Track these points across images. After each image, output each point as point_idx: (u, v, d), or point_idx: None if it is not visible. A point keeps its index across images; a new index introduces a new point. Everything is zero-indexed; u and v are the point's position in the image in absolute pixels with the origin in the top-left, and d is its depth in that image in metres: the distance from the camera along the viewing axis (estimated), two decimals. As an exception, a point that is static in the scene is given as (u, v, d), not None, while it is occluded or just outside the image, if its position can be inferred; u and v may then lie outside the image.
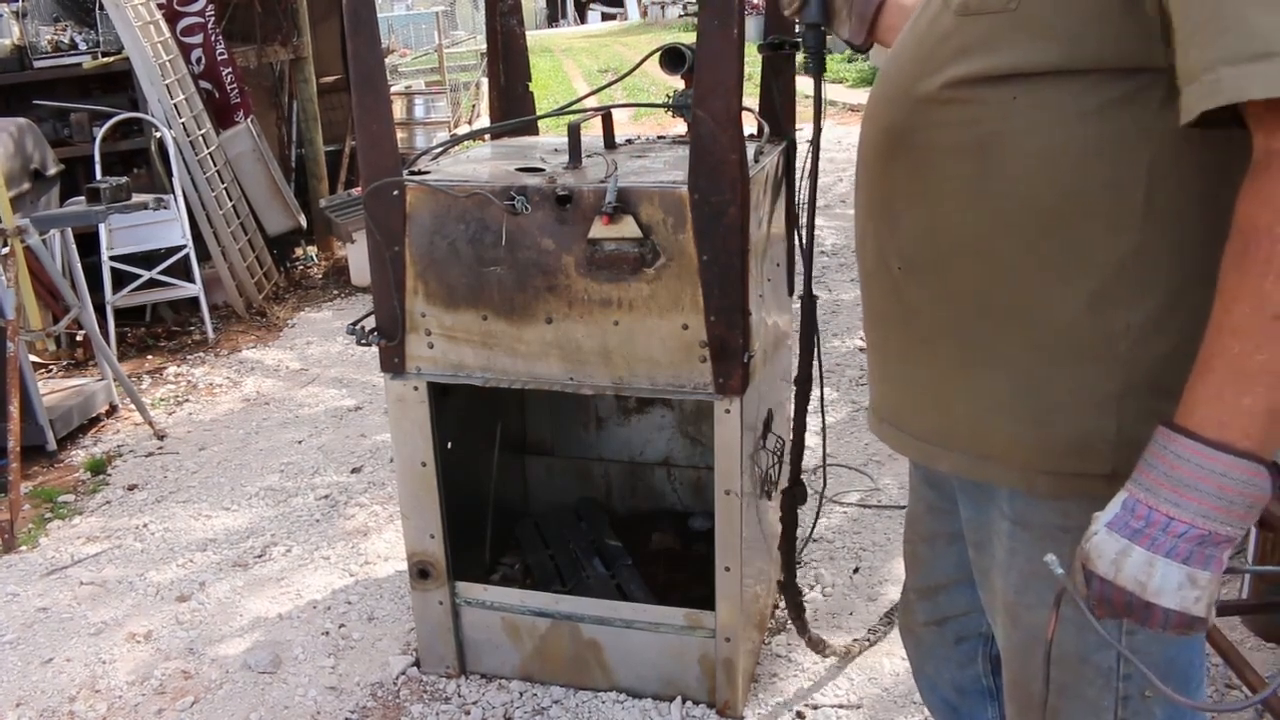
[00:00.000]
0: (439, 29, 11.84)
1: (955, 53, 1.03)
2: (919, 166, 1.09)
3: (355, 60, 2.02)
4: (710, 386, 2.01)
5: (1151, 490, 0.91)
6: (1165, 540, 0.90)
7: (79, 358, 4.71)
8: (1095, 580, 0.94)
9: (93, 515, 3.43)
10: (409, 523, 2.31)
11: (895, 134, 1.11)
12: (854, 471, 3.39)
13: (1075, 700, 1.22)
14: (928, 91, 1.06)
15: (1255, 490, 0.88)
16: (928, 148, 1.08)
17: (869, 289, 1.24)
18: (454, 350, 2.12)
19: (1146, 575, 0.90)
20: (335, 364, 4.79)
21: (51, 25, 5.43)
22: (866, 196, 1.20)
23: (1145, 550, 0.90)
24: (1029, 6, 0.97)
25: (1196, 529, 0.89)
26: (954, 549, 1.45)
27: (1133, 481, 0.94)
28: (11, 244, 3.54)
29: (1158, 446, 0.92)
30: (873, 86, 1.20)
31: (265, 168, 5.77)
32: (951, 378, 1.13)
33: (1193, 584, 0.89)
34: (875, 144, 1.15)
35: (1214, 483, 0.88)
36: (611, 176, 1.95)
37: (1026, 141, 1.00)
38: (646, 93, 12.41)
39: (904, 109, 1.09)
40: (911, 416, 1.21)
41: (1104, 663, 1.19)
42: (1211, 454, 0.88)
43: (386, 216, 2.05)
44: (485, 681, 2.42)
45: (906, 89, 1.09)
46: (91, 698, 2.49)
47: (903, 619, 1.67)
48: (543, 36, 28.64)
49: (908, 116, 1.09)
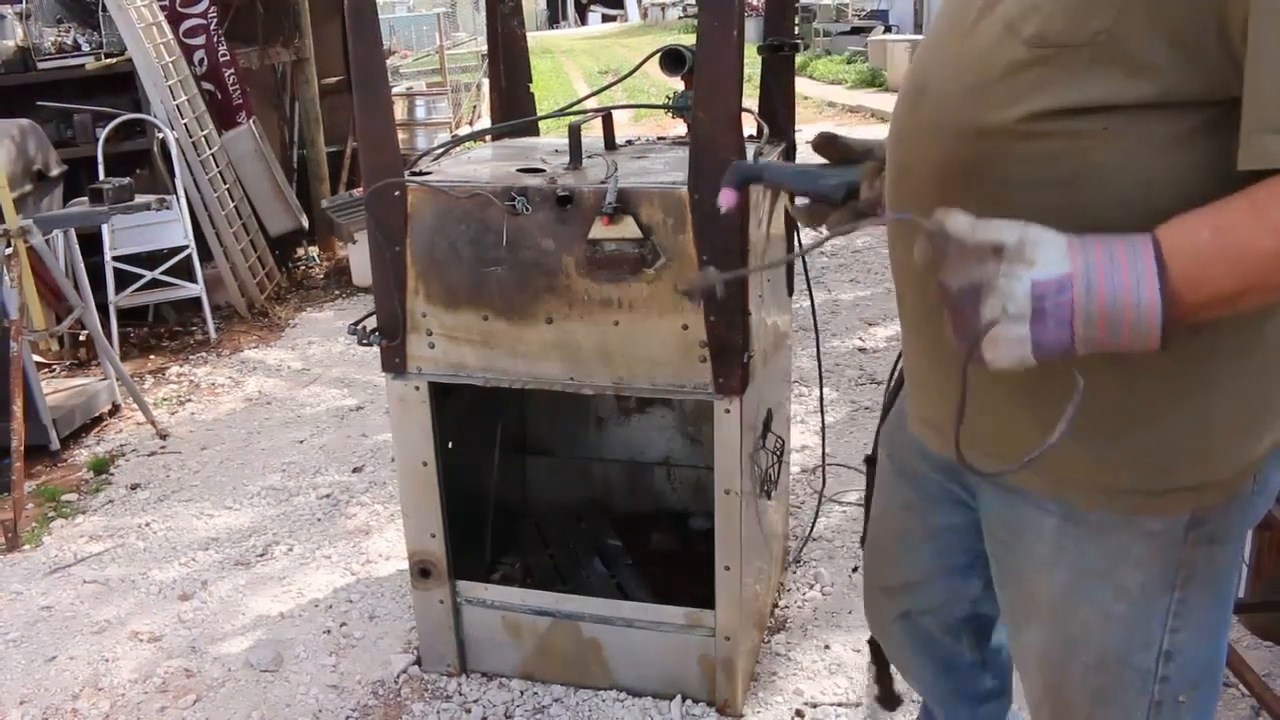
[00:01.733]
0: (440, 30, 11.86)
1: (1033, 85, 0.98)
2: (995, 201, 1.01)
3: (357, 61, 2.03)
4: (710, 386, 2.02)
5: (1089, 270, 0.91)
6: (1051, 314, 0.90)
7: (82, 358, 4.72)
8: (966, 292, 0.93)
9: (95, 514, 3.44)
10: (410, 522, 2.32)
11: (960, 168, 1.06)
12: (854, 471, 3.40)
13: (1111, 705, 1.22)
14: (1001, 124, 1.01)
15: (1141, 333, 0.90)
16: (1005, 182, 1.03)
17: (930, 322, 1.16)
18: (455, 350, 2.13)
19: (1017, 340, 0.91)
20: (337, 364, 4.80)
21: (55, 27, 5.44)
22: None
23: (1028, 330, 0.91)
24: (1120, 39, 0.93)
25: (1068, 319, 0.90)
26: (929, 545, 1.47)
27: (1085, 249, 0.91)
28: (15, 244, 3.56)
29: (1130, 245, 0.91)
30: (903, 108, 1.15)
31: (267, 168, 5.78)
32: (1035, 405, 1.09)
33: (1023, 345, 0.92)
34: (932, 178, 1.09)
35: (1130, 299, 0.89)
36: (612, 177, 1.96)
37: (1123, 171, 0.97)
38: (646, 94, 12.42)
39: (967, 142, 1.04)
40: (992, 441, 1.16)
41: (1144, 665, 1.18)
42: (1153, 276, 0.89)
43: (388, 217, 2.06)
44: (486, 680, 2.43)
45: (967, 121, 1.04)
46: (94, 696, 2.50)
47: (872, 618, 1.67)
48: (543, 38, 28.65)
49: (974, 150, 1.04)
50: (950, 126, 1.06)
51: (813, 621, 2.64)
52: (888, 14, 19.06)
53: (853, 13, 20.17)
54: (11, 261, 3.53)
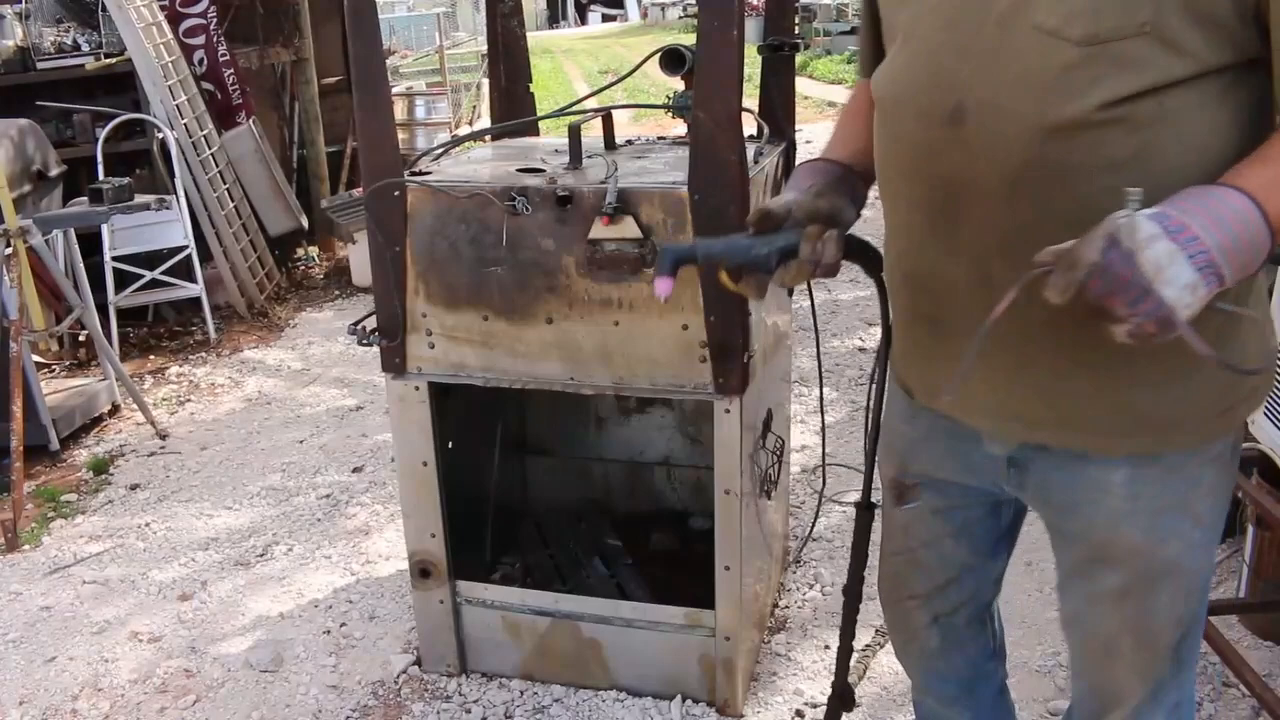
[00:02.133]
0: (440, 30, 11.83)
1: (1091, 81, 1.08)
2: (1072, 189, 1.12)
3: (357, 61, 2.03)
4: (710, 386, 2.02)
5: (1187, 213, 1.02)
6: (1189, 248, 1.00)
7: (81, 358, 4.72)
8: (1115, 251, 1.00)
9: (95, 514, 3.44)
10: (410, 522, 2.32)
11: (1034, 165, 1.12)
12: (854, 471, 3.40)
13: (1193, 624, 1.38)
14: (1071, 118, 1.09)
15: (1257, 251, 1.04)
16: (1079, 169, 1.11)
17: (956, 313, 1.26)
18: (455, 350, 2.13)
19: (1167, 263, 0.99)
20: (336, 364, 4.80)
21: (54, 27, 5.44)
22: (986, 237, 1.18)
23: (1174, 245, 0.99)
24: (1161, 27, 1.06)
25: (1210, 256, 1.00)
26: (960, 542, 1.53)
27: (1169, 204, 1.03)
28: (14, 244, 3.55)
29: (1202, 192, 1.04)
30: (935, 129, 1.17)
31: (267, 168, 5.78)
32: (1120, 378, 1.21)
33: (1193, 291, 1.00)
34: (1001, 187, 1.15)
35: (1240, 228, 1.02)
36: (612, 177, 1.96)
37: (1175, 139, 1.10)
38: (647, 94, 12.41)
39: (1036, 140, 1.11)
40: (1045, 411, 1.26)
41: (1210, 579, 1.38)
42: (1250, 207, 1.03)
43: (388, 217, 2.06)
44: (486, 680, 2.43)
45: (1033, 126, 1.11)
46: (94, 696, 2.50)
47: (900, 633, 1.68)
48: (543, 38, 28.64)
49: (1041, 152, 1.11)
50: (1016, 136, 1.12)
51: (813, 621, 2.64)
52: (888, 14, 19.03)
53: (853, 12, 20.14)
54: (11, 261, 3.53)
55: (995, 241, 1.18)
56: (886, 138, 1.30)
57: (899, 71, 1.25)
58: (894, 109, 1.26)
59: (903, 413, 1.49)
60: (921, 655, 1.67)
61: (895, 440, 1.53)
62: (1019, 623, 2.57)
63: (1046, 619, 2.58)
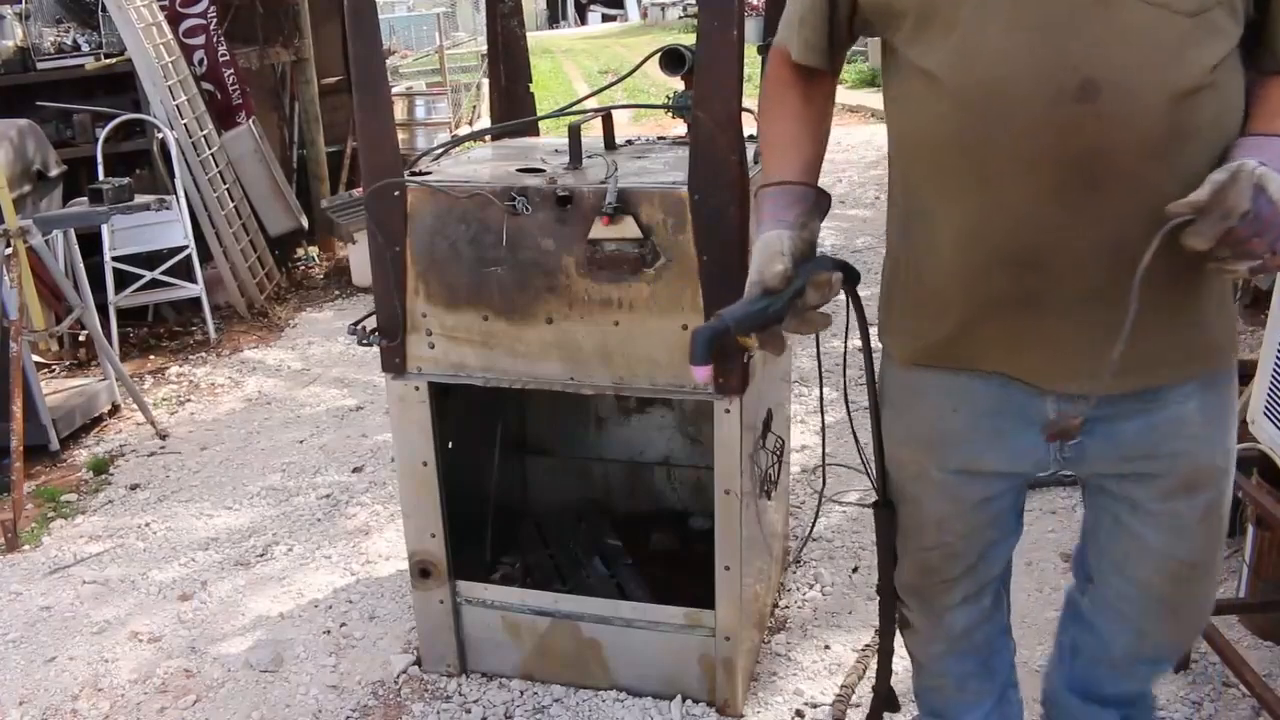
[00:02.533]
0: (440, 30, 11.83)
1: (1199, 49, 1.21)
2: (1192, 148, 1.25)
3: (356, 61, 2.03)
4: (710, 386, 2.02)
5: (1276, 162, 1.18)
6: None
7: (81, 358, 4.72)
8: (1263, 198, 1.15)
9: (95, 514, 3.44)
10: (410, 522, 2.32)
11: (1165, 131, 1.22)
12: (854, 471, 3.40)
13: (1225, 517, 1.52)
14: (1192, 84, 1.21)
15: None
16: (1195, 130, 1.24)
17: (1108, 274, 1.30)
18: (455, 350, 2.13)
19: None
20: (336, 364, 4.80)
21: (54, 27, 5.44)
22: (1124, 204, 1.25)
23: None
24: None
25: None
26: (994, 526, 1.59)
27: (1258, 155, 1.19)
28: (14, 244, 3.56)
29: (1269, 143, 1.22)
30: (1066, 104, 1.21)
31: (267, 168, 5.78)
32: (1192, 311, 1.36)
33: None
34: (1139, 151, 1.23)
35: None
36: (612, 177, 1.96)
37: (1235, 97, 1.27)
38: (647, 94, 12.41)
39: (1165, 107, 1.21)
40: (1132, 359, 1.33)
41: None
42: None
43: (388, 217, 2.06)
44: (486, 680, 2.43)
45: (1162, 90, 1.21)
46: (94, 696, 2.50)
47: (927, 617, 1.69)
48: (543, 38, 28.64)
49: (1173, 112, 1.22)
50: (1149, 105, 1.21)
51: (813, 621, 2.64)
52: (887, 14, 19.03)
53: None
54: (11, 261, 3.53)
55: (1133, 207, 1.25)
56: (983, 122, 1.26)
57: (997, 56, 1.23)
58: (1001, 93, 1.23)
59: (939, 407, 1.49)
60: (948, 637, 1.69)
61: (930, 434, 1.52)
62: (1019, 623, 2.56)
63: (1046, 619, 2.58)
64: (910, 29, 1.31)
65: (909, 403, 1.54)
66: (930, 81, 1.28)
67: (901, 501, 1.62)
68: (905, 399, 1.55)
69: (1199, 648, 2.33)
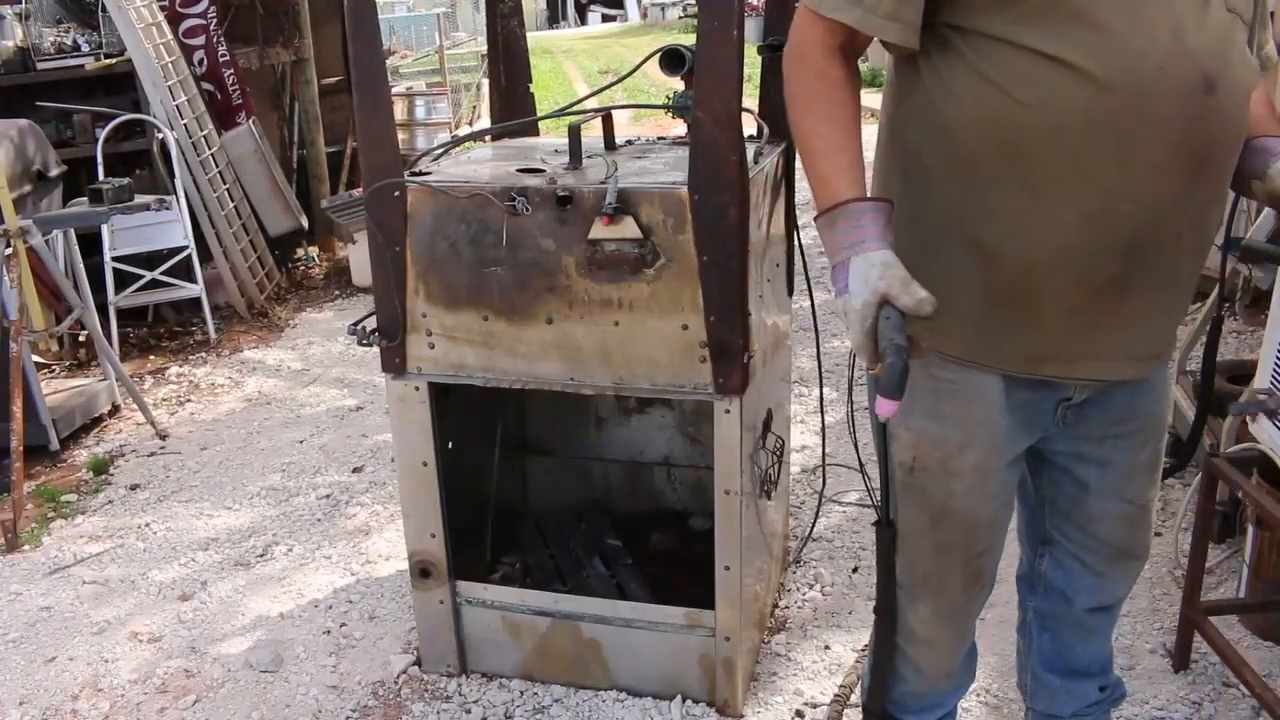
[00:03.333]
0: (440, 30, 11.83)
1: (1250, 48, 1.39)
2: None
3: (356, 61, 2.03)
4: (710, 386, 2.02)
5: None
6: None
7: (81, 358, 4.72)
8: None
9: (95, 515, 3.44)
10: (410, 522, 2.32)
11: (1244, 123, 1.40)
12: (854, 471, 3.40)
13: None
14: (1254, 82, 1.40)
15: None
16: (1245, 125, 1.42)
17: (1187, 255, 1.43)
18: (455, 350, 2.13)
19: None
20: (336, 364, 4.80)
21: (54, 27, 5.44)
22: (1215, 188, 1.41)
23: None
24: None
25: None
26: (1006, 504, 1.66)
27: None
28: (14, 244, 3.56)
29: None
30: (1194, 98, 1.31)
31: (267, 168, 5.78)
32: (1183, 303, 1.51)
33: None
34: (1233, 145, 1.40)
35: None
36: (612, 177, 1.96)
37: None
38: (647, 94, 12.41)
39: (1245, 102, 1.39)
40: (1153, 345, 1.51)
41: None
42: None
43: (388, 217, 2.06)
44: (486, 680, 2.43)
45: (1247, 87, 1.38)
46: (94, 696, 2.50)
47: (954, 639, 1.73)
48: (543, 38, 28.65)
49: (1247, 106, 1.39)
50: (1241, 100, 1.37)
51: (813, 621, 2.64)
52: (887, 14, 19.03)
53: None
54: (11, 262, 3.53)
55: (1216, 193, 1.41)
56: (1130, 111, 1.28)
57: (1140, 50, 1.28)
58: (1146, 84, 1.28)
59: (998, 405, 1.50)
60: (962, 635, 1.75)
61: (988, 433, 1.52)
62: (1013, 616, 2.57)
63: (1046, 619, 2.58)
64: (1025, 13, 1.29)
65: (964, 406, 1.50)
66: (1057, 69, 1.28)
67: (947, 517, 1.57)
68: (959, 403, 1.50)
69: (1199, 648, 2.34)
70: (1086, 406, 1.54)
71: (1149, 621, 2.54)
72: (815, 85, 1.38)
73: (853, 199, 1.34)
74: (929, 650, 1.72)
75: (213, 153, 5.27)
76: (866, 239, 1.31)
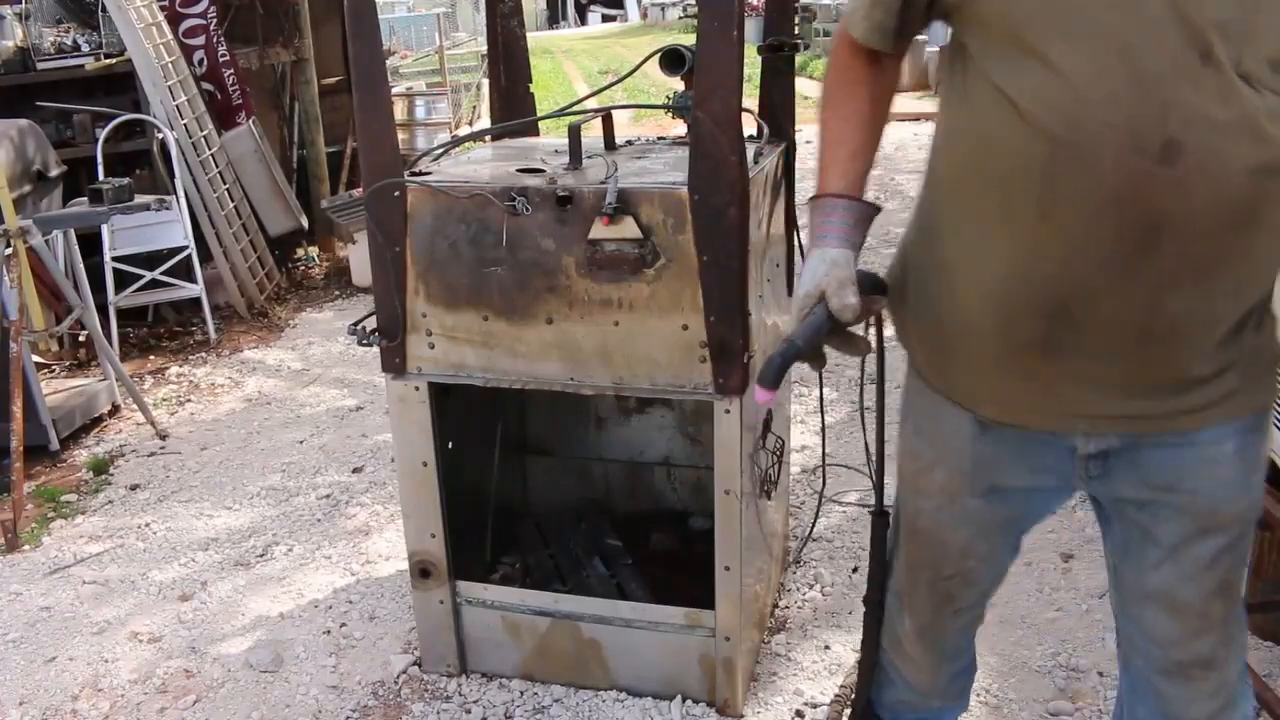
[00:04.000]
0: (440, 30, 11.83)
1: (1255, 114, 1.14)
2: (1265, 224, 1.19)
3: (356, 61, 2.03)
4: (710, 386, 2.02)
5: None
6: None
7: (81, 358, 4.72)
8: None
9: (95, 515, 3.44)
10: (410, 522, 2.32)
11: (1242, 204, 1.17)
12: (854, 471, 3.40)
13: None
14: (1274, 160, 1.15)
15: None
16: (1266, 216, 1.19)
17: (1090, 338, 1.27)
18: (455, 350, 2.13)
19: None
20: (336, 364, 4.80)
21: (54, 27, 5.44)
22: (1176, 267, 1.20)
23: None
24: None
25: None
26: (1010, 546, 1.56)
27: None
28: (14, 244, 3.55)
29: None
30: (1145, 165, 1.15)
31: (267, 169, 5.78)
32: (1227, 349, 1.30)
33: None
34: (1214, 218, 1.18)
35: None
36: (612, 177, 1.96)
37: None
38: (647, 94, 12.41)
39: (1247, 181, 1.15)
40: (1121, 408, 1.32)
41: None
42: None
43: (388, 217, 2.06)
44: (486, 680, 2.43)
45: (1247, 163, 1.14)
46: (94, 696, 2.50)
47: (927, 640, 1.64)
48: (543, 38, 28.65)
49: (1253, 186, 1.16)
50: (1230, 176, 1.15)
51: (813, 621, 2.64)
52: (887, 14, 19.04)
53: (852, 13, 20.13)
54: (11, 262, 3.53)
55: (1186, 271, 1.20)
56: (1056, 161, 1.19)
57: (1083, 96, 1.16)
58: (1084, 137, 1.17)
59: (967, 433, 1.44)
60: (941, 654, 1.66)
61: (955, 459, 1.47)
62: (1019, 623, 2.57)
63: (1046, 619, 2.58)
64: (989, 38, 1.24)
65: (938, 424, 1.47)
66: (1006, 103, 1.21)
67: (915, 535, 1.56)
68: (934, 421, 1.48)
69: (1199, 648, 2.33)
70: (1111, 459, 1.38)
71: (1149, 621, 2.54)
72: (836, 79, 1.45)
73: (831, 193, 1.40)
74: (911, 665, 1.69)
75: (213, 153, 5.27)
76: (829, 234, 1.38)
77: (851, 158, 1.42)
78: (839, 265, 1.35)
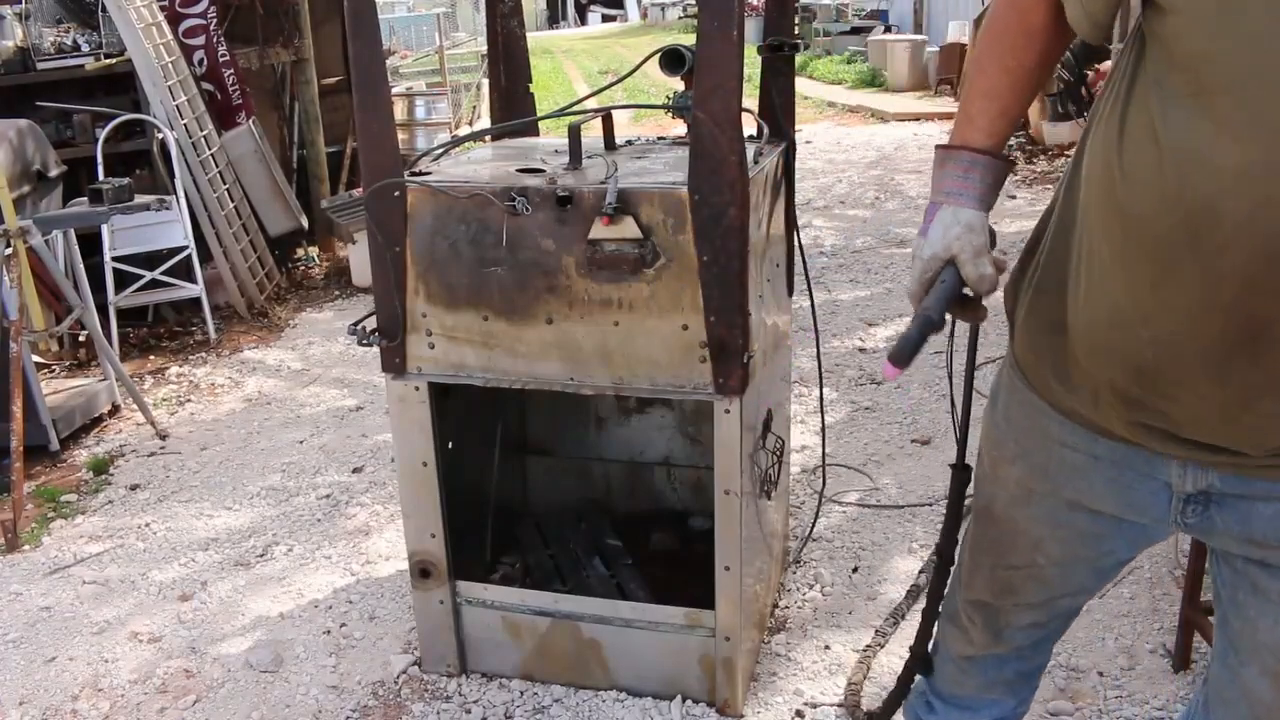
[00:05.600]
0: (440, 30, 11.84)
1: None
2: None
3: (356, 61, 2.03)
4: (710, 386, 2.02)
5: None
6: None
7: (81, 358, 4.72)
8: None
9: (95, 515, 3.44)
10: (410, 522, 2.32)
11: None
12: (853, 471, 3.40)
13: None
14: None
15: None
16: None
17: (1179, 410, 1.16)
18: (455, 350, 2.13)
19: None
20: (336, 364, 4.80)
21: (54, 27, 5.44)
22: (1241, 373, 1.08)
23: None
24: None
25: None
26: (1092, 568, 1.43)
27: None
28: (14, 244, 3.56)
29: None
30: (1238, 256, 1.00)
31: (267, 169, 5.78)
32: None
33: None
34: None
35: None
36: (612, 177, 1.96)
37: None
38: (647, 94, 12.42)
39: None
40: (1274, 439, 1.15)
41: None
42: None
43: (388, 217, 2.06)
44: (486, 680, 2.43)
45: None
46: (94, 696, 2.50)
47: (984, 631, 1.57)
48: (543, 38, 28.67)
49: None
50: None
51: (813, 621, 2.64)
52: (887, 14, 19.07)
53: (853, 13, 20.17)
54: (11, 262, 3.53)
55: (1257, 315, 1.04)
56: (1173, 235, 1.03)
57: (1223, 165, 0.98)
58: (1217, 219, 1.00)
59: (1055, 435, 1.33)
60: (989, 659, 1.58)
61: (1047, 461, 1.36)
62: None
63: (1046, 619, 2.58)
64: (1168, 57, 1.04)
65: (1027, 418, 1.37)
66: (1151, 138, 1.05)
67: (990, 521, 1.47)
68: (1024, 413, 1.37)
69: (1199, 648, 2.34)
70: (1213, 506, 1.24)
71: (1149, 621, 2.54)
72: (1007, 22, 1.25)
73: (973, 147, 1.25)
74: (964, 637, 1.61)
75: (213, 153, 5.27)
76: (965, 192, 1.24)
77: (1002, 114, 1.27)
78: (974, 230, 1.21)
